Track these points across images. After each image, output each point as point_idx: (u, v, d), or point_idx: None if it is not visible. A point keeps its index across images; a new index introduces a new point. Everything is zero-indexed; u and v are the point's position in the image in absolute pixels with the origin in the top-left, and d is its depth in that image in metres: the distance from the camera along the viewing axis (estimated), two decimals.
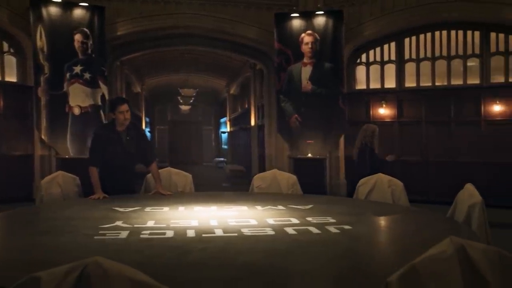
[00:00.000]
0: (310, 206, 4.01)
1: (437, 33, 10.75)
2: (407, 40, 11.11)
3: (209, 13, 11.01)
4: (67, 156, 9.27)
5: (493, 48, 10.14)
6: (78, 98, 9.58)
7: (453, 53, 10.57)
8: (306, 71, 10.88)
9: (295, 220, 3.29)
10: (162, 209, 3.77)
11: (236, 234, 2.82)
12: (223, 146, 25.29)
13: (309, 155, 10.60)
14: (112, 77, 11.40)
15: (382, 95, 11.24)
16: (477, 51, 10.30)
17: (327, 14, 10.75)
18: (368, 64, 11.61)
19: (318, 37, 10.77)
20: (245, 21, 11.35)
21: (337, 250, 2.61)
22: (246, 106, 18.08)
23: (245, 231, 2.91)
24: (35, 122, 9.67)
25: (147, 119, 19.72)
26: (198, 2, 10.95)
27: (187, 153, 23.69)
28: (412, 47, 11.06)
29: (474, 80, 10.31)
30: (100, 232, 2.84)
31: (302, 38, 10.85)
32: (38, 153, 9.97)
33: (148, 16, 10.68)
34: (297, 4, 11.22)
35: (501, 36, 10.05)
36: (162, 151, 23.06)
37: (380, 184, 4.83)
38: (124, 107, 4.74)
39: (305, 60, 10.85)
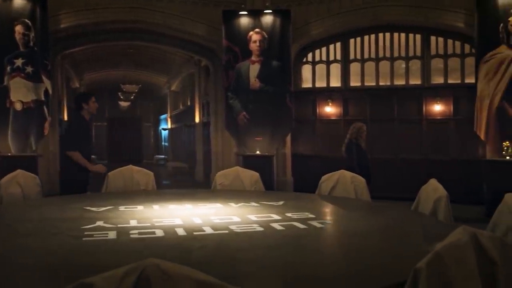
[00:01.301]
0: (282, 202, 4.06)
1: (380, 35, 11.14)
2: (352, 41, 11.44)
3: (156, 8, 10.80)
4: (9, 154, 8.78)
5: (433, 51, 10.65)
6: (20, 92, 9.08)
7: (396, 54, 11.00)
8: (254, 69, 10.94)
9: (276, 216, 3.32)
10: (137, 207, 3.69)
11: (227, 231, 2.81)
12: (163, 143, 24.89)
13: (258, 152, 10.66)
14: (54, 71, 10.90)
15: (328, 93, 11.51)
16: (418, 53, 10.78)
17: (275, 13, 10.86)
18: (314, 63, 11.84)
19: (266, 36, 10.85)
20: (192, 18, 11.24)
21: (336, 243, 2.67)
22: (189, 103, 17.91)
23: (234, 228, 2.91)
24: None
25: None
26: None
27: (126, 150, 23.13)
28: (357, 48, 11.40)
29: (415, 81, 10.78)
30: (86, 233, 2.73)
31: (250, 36, 10.89)
32: None
33: (93, 9, 10.31)
34: (245, 2, 11.24)
35: (441, 39, 10.57)
36: (101, 148, 22.37)
37: (343, 180, 4.96)
38: (94, 98, 5.47)
39: (253, 58, 10.90)
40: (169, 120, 21.76)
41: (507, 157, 8.42)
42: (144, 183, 5.29)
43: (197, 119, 15.21)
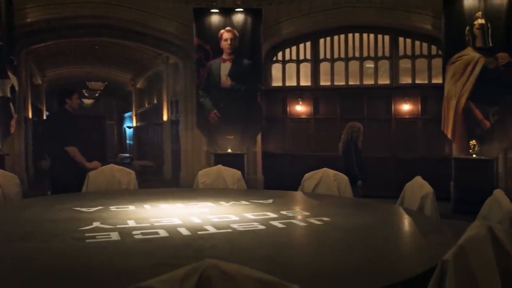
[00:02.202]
0: (271, 200, 4.08)
1: (350, 35, 11.32)
2: (322, 41, 11.56)
3: (127, 4, 10.63)
4: None
5: (401, 52, 10.90)
6: None
7: (365, 54, 11.19)
8: (225, 67, 10.94)
9: (272, 214, 3.34)
10: (128, 207, 3.62)
11: (230, 230, 2.81)
12: (127, 142, 24.49)
13: (229, 150, 10.66)
14: (19, 67, 10.56)
15: (298, 92, 11.61)
16: (387, 53, 11.01)
17: (246, 11, 10.88)
18: (284, 62, 11.91)
19: (237, 34, 10.87)
20: (163, 15, 11.13)
21: (344, 239, 2.71)
22: (156, 101, 17.68)
23: (235, 226, 2.90)
24: None
25: (48, 113, 18.54)
26: None
27: (89, 148, 22.55)
28: (326, 48, 11.53)
29: (384, 81, 11.01)
30: (86, 234, 2.66)
31: (221, 34, 10.89)
32: None
33: (62, 3, 10.05)
34: (216, 0, 11.20)
35: (408, 41, 10.83)
36: None
37: (326, 178, 5.04)
38: (77, 94, 5.74)
39: (224, 56, 10.90)
40: (134, 118, 21.40)
41: (474, 155, 8.72)
42: (126, 182, 5.21)
43: (165, 117, 15.05)
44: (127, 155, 22.18)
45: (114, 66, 18.87)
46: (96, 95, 20.96)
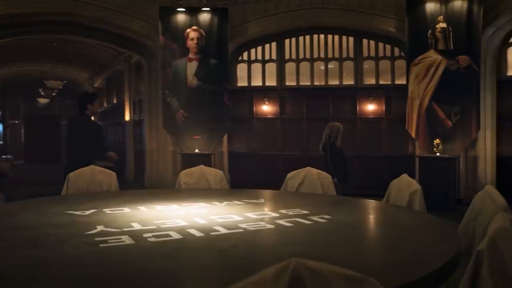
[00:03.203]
0: (262, 200, 4.13)
1: (315, 36, 11.49)
2: (287, 41, 11.69)
3: (91, 1, 10.39)
4: None
5: (365, 53, 11.16)
6: None
7: (330, 55, 11.39)
8: (191, 67, 10.90)
9: (273, 213, 3.37)
10: (123, 210, 3.54)
11: (241, 230, 2.80)
12: None
13: (197, 150, 10.62)
14: None
15: (264, 92, 11.69)
16: (351, 55, 11.25)
17: (212, 11, 10.88)
18: (249, 62, 11.96)
19: (204, 33, 10.85)
20: (129, 13, 10.96)
21: (357, 236, 2.78)
22: (115, 100, 17.35)
23: (244, 226, 2.91)
24: None
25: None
26: None
27: (45, 149, 21.90)
28: (292, 48, 11.67)
29: (349, 81, 11.24)
30: (96, 239, 2.58)
31: (188, 34, 10.85)
32: None
33: None
34: None
35: (372, 42, 11.11)
36: (17, 147, 21.03)
37: (310, 177, 5.13)
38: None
39: (191, 55, 10.87)
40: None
41: (438, 154, 9.07)
42: (107, 184, 5.11)
43: (127, 117, 14.79)
44: None
45: (71, 64, 18.37)
46: (53, 94, 20.31)
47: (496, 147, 9.63)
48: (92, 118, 6.09)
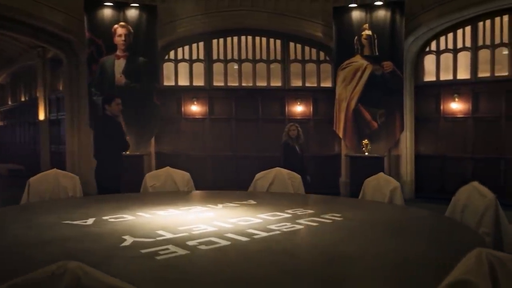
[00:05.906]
0: (252, 201, 4.18)
1: (243, 38, 11.66)
2: (215, 41, 11.74)
3: None
4: None
5: (292, 56, 11.54)
6: None
7: (257, 57, 11.63)
8: (119, 64, 10.60)
9: (285, 214, 3.45)
10: (127, 217, 3.40)
11: (278, 232, 2.87)
12: None
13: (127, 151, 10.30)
14: None
15: (193, 92, 11.64)
16: (278, 57, 11.57)
17: (140, 7, 10.65)
18: (176, 61, 11.84)
19: (132, 30, 10.59)
20: (50, 4, 10.35)
21: (381, 232, 3.01)
22: (25, 98, 16.21)
23: (274, 227, 2.99)
24: None
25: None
26: None
27: None
28: (220, 49, 11.74)
29: (277, 83, 11.56)
30: (143, 251, 2.43)
31: (115, 30, 10.54)
32: None
33: None
34: None
35: (299, 46, 11.51)
36: None
37: (281, 177, 5.29)
38: (117, 100, 6.11)
39: (118, 52, 10.57)
40: None
41: (366, 153, 9.66)
42: (72, 189, 4.90)
43: (41, 116, 13.90)
44: None
45: None
46: None
47: (414, 147, 10.48)
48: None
